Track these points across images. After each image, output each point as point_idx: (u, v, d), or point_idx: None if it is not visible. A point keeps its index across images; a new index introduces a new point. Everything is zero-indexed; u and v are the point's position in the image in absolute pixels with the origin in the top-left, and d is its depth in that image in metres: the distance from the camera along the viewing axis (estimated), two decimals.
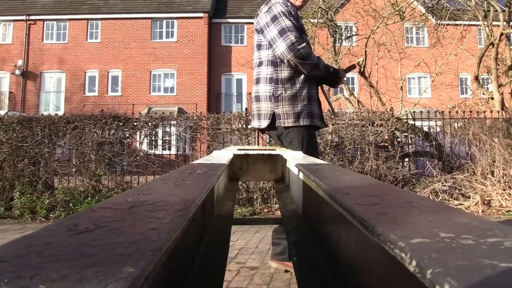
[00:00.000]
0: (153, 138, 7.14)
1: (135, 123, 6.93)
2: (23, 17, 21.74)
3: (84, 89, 21.33)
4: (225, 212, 1.14)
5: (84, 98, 20.96)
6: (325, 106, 9.58)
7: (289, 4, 2.48)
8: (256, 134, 6.86)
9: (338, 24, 9.11)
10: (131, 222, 0.35)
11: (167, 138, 7.20)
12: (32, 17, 21.79)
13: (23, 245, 0.28)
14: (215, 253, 0.74)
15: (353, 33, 9.76)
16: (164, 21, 21.70)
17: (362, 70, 7.77)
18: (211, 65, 21.22)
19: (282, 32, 2.35)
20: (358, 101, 8.04)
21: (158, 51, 21.30)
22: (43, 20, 21.87)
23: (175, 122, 7.09)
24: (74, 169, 6.76)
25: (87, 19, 21.77)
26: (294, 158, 1.30)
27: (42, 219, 5.97)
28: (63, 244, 0.28)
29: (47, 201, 6.11)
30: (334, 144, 6.75)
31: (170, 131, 7.21)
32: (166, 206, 0.43)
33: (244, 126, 6.67)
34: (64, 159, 6.87)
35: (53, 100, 21.28)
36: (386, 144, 6.94)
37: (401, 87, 7.58)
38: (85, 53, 21.47)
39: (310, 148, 2.40)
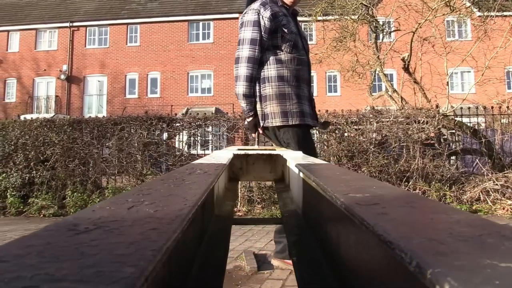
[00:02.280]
0: (196, 139, 7.28)
1: (178, 124, 7.10)
2: (67, 24, 22.72)
3: (125, 92, 22.03)
4: (225, 212, 1.13)
5: (125, 100, 21.64)
6: (367, 103, 9.41)
7: (267, 6, 2.44)
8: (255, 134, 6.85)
9: (378, 20, 8.93)
10: (131, 222, 0.35)
11: (210, 138, 7.32)
12: (75, 24, 22.75)
13: (23, 245, 0.28)
14: (215, 253, 0.73)
15: (392, 28, 9.52)
16: (201, 23, 22.05)
17: (406, 66, 7.57)
18: None
19: (239, 42, 2.47)
20: (402, 98, 7.84)
21: (195, 53, 21.67)
22: (86, 26, 22.77)
23: (217, 122, 7.20)
24: (121, 169, 7.00)
25: (127, 24, 22.46)
26: (294, 158, 1.28)
27: None
28: (63, 244, 0.28)
29: (98, 199, 6.36)
30: (378, 142, 6.63)
31: (212, 131, 7.33)
32: (166, 206, 0.43)
33: None
34: (112, 159, 7.13)
35: (95, 102, 22.14)
36: (432, 142, 6.74)
37: (447, 82, 7.33)
38: (125, 56, 22.16)
39: (307, 148, 2.37)
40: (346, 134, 6.76)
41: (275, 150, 1.83)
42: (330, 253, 0.66)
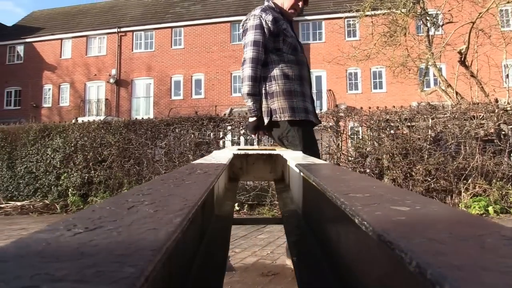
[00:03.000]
0: (246, 138, 7.34)
1: (227, 124, 7.19)
2: (115, 30, 23.66)
3: (170, 93, 22.64)
4: (225, 212, 1.14)
5: (170, 101, 22.25)
6: (418, 99, 9.10)
7: (268, 12, 2.59)
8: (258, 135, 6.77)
9: (429, 12, 8.62)
10: (131, 222, 0.35)
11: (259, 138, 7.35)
12: (122, 29, 23.66)
13: (23, 245, 0.28)
14: (215, 253, 0.74)
15: (441, 20, 9.12)
16: None
17: (463, 59, 7.26)
18: None
19: (244, 46, 2.58)
20: (457, 93, 7.52)
21: (238, 53, 21.87)
22: (132, 31, 23.63)
23: None
24: (174, 169, 7.19)
25: (171, 27, 23.08)
26: (294, 158, 1.28)
27: None
28: (63, 244, 0.28)
29: None
30: (433, 139, 6.40)
31: None
32: (166, 206, 0.43)
33: (336, 123, 6.59)
34: (165, 159, 7.34)
35: (143, 104, 22.93)
36: (492, 138, 6.43)
37: (507, 75, 6.95)
38: (170, 59, 22.77)
39: (310, 145, 2.46)
40: (396, 131, 6.58)
41: (275, 150, 1.83)
42: (330, 253, 0.66)
